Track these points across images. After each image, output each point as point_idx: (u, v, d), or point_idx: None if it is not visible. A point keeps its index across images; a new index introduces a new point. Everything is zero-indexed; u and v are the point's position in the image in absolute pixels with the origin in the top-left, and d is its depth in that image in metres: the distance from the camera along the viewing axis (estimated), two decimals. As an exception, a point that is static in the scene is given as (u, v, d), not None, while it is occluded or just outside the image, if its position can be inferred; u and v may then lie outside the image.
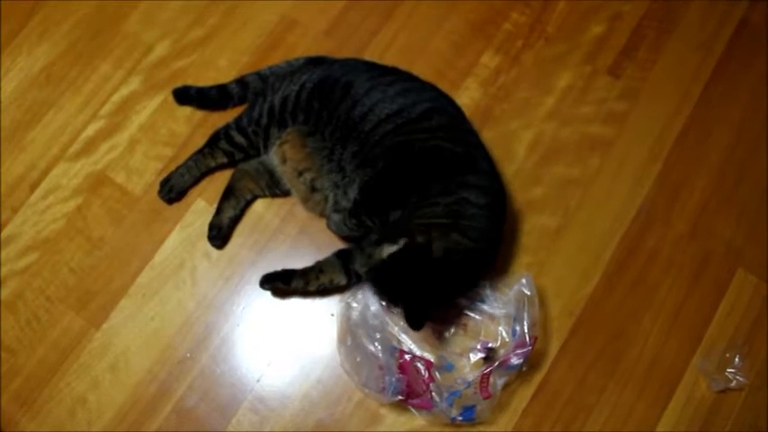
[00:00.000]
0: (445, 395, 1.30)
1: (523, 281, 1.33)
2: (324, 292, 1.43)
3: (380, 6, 1.64)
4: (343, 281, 1.41)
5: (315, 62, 1.50)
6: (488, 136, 1.49)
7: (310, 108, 1.40)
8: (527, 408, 1.36)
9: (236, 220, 1.50)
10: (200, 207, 1.52)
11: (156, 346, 1.43)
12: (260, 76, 1.55)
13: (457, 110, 1.40)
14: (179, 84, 1.59)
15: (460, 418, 1.29)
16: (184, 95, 1.58)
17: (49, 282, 1.48)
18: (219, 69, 1.60)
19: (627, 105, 1.55)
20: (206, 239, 1.48)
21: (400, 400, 1.30)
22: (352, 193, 1.38)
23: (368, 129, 1.33)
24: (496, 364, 1.28)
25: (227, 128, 1.49)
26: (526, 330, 1.29)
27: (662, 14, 1.62)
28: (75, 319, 1.46)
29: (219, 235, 1.48)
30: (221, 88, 1.56)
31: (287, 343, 1.43)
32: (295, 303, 1.45)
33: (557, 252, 1.46)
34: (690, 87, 1.56)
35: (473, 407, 1.29)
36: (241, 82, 1.55)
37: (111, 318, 1.45)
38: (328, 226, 1.42)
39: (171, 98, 1.57)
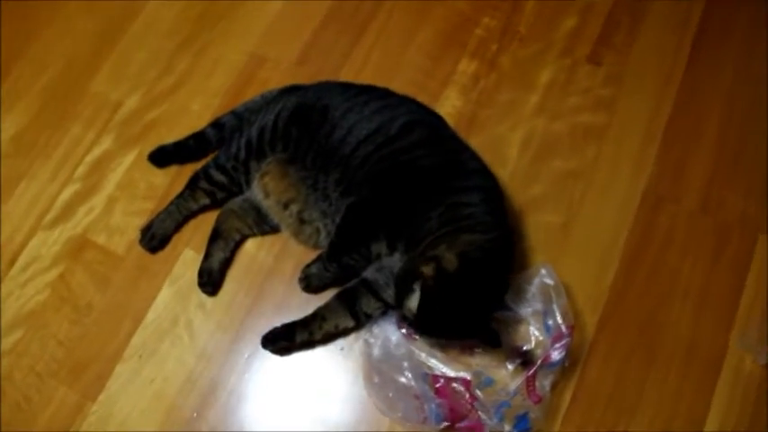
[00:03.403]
0: (493, 410, 1.20)
1: (543, 271, 1.26)
2: (331, 337, 1.34)
3: (349, 29, 1.62)
4: (350, 324, 1.32)
5: (289, 91, 1.46)
6: (476, 142, 1.43)
7: (288, 136, 1.35)
8: (567, 415, 1.26)
9: (226, 264, 1.41)
10: (189, 257, 1.44)
11: (160, 410, 1.32)
12: (235, 114, 1.50)
13: (437, 118, 1.36)
14: (152, 136, 1.54)
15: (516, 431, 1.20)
16: (162, 156, 1.52)
17: (38, 358, 1.37)
18: (192, 114, 1.55)
19: (613, 91, 1.52)
20: (198, 290, 1.40)
21: (447, 428, 1.20)
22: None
23: (348, 152, 1.29)
24: (538, 363, 1.20)
25: (205, 167, 1.44)
26: (560, 321, 1.22)
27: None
28: (68, 393, 1.34)
29: (210, 281, 1.39)
30: (198, 136, 1.51)
31: (300, 385, 1.33)
32: (302, 342, 1.36)
33: (568, 248, 1.38)
34: (673, 65, 1.53)
35: (526, 415, 1.19)
36: (217, 124, 1.50)
37: (108, 386, 1.34)
38: (306, 288, 1.36)
39: (146, 151, 1.51)
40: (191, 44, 1.64)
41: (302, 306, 1.36)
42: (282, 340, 1.33)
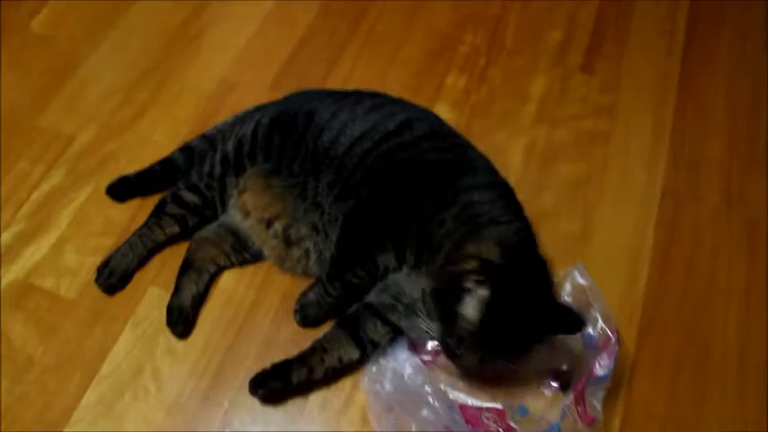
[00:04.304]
0: None
1: (575, 272, 1.09)
2: (334, 374, 1.12)
3: (326, 51, 1.53)
4: (355, 355, 1.11)
5: (266, 106, 1.32)
6: (476, 151, 1.33)
7: (270, 144, 1.20)
8: (619, 446, 1.06)
9: (199, 300, 1.20)
10: (155, 296, 1.22)
11: (118, 482, 1.06)
12: (205, 137, 1.34)
13: (436, 116, 1.25)
14: (110, 169, 1.36)
15: None
16: (123, 188, 1.33)
17: (-37, 430, 1.10)
18: (156, 145, 1.38)
19: (611, 97, 1.45)
20: (166, 333, 1.18)
21: None
22: (335, 236, 1.15)
23: (341, 152, 1.14)
24: (585, 378, 1.00)
25: (174, 190, 1.26)
26: (603, 326, 1.03)
27: (615, 7, 1.59)
28: (0, 472, 1.07)
29: (181, 319, 1.17)
30: (164, 162, 1.34)
31: (293, 435, 1.09)
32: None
33: (591, 257, 1.23)
34: (667, 65, 1.48)
35: None
36: (185, 148, 1.34)
37: (52, 457, 1.08)
38: (303, 321, 1.17)
39: (103, 185, 1.33)
40: (153, 74, 1.51)
41: (292, 344, 1.16)
42: (276, 381, 1.09)
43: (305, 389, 1.11)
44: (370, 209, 1.10)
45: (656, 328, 1.16)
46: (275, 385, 1.09)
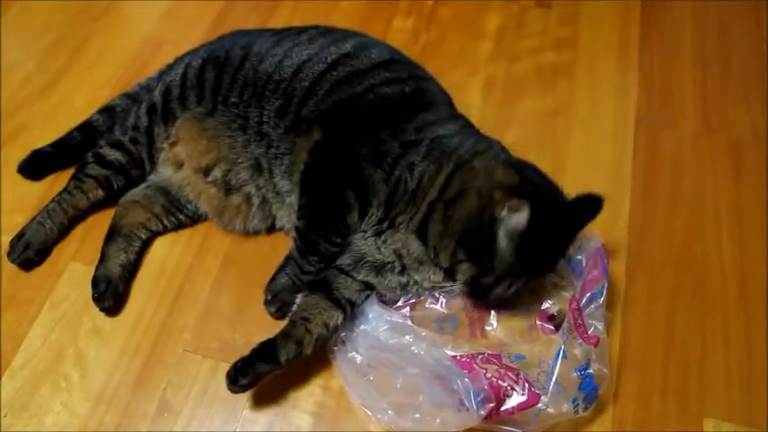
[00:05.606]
0: (546, 375, 0.87)
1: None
2: (323, 343, 0.95)
3: (260, 4, 1.41)
4: (339, 317, 0.96)
5: (196, 50, 1.18)
6: (431, 92, 1.21)
7: (202, 83, 1.06)
8: (621, 385, 0.93)
9: (129, 269, 1.05)
10: (76, 272, 1.06)
11: (37, 487, 0.88)
12: (127, 95, 1.21)
13: (391, 46, 1.12)
14: (21, 141, 1.21)
15: (583, 396, 0.85)
16: (37, 163, 1.17)
17: None
18: (76, 110, 1.23)
19: (571, 29, 1.36)
20: (91, 312, 1.01)
21: (491, 411, 0.84)
22: (281, 178, 1.02)
23: (288, 76, 1.02)
24: (579, 294, 0.91)
25: (94, 150, 1.11)
26: (585, 243, 0.93)
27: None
28: None
29: (109, 292, 1.01)
30: (83, 126, 1.19)
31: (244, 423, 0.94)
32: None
33: (566, 189, 1.10)
34: (628, -8, 1.41)
35: (587, 370, 0.86)
36: (106, 109, 1.19)
37: (-47, 469, 0.90)
38: (279, 311, 1.00)
39: (12, 160, 1.16)
40: (65, 41, 1.37)
41: (235, 313, 1.02)
42: (262, 364, 0.90)
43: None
44: (327, 164, 0.97)
45: (646, 260, 1.06)
46: (262, 369, 0.91)
